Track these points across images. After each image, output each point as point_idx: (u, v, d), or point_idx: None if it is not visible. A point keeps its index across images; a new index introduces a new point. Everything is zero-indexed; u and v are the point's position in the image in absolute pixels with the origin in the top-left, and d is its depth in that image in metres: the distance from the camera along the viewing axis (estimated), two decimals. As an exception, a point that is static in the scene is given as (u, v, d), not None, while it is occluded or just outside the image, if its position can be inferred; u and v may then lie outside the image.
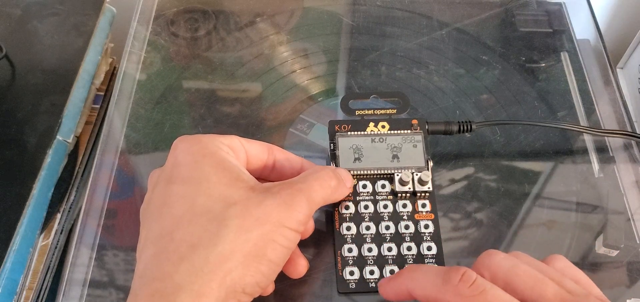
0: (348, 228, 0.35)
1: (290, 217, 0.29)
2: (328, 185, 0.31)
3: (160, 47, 0.48)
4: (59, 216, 0.40)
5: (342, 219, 0.35)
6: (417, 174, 0.35)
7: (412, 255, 0.34)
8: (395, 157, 0.36)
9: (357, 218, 0.35)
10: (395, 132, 0.37)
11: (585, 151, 0.42)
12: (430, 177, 0.35)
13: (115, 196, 0.39)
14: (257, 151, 0.33)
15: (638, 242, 0.37)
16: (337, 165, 0.35)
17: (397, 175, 0.35)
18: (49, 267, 0.38)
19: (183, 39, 0.49)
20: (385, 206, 0.35)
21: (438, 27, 0.50)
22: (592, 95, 0.45)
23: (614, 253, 0.36)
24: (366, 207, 0.35)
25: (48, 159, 0.40)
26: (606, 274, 0.36)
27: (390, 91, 0.40)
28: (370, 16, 0.51)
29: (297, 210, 0.29)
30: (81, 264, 0.36)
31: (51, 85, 0.44)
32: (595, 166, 0.41)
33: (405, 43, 0.49)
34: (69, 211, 0.41)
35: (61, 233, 0.40)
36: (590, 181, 0.40)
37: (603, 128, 0.43)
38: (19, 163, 0.39)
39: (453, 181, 0.40)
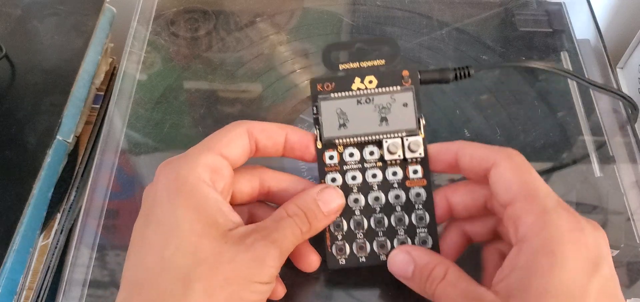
0: None
1: (260, 273, 0.27)
2: (299, 231, 0.30)
3: (160, 47, 0.48)
4: (59, 216, 0.40)
5: None
6: (407, 140, 0.32)
7: (404, 227, 0.32)
8: (383, 119, 0.32)
9: (345, 190, 0.32)
10: (384, 89, 0.33)
11: (585, 151, 0.42)
12: (422, 141, 0.32)
13: (115, 196, 0.39)
14: (242, 185, 0.32)
15: (638, 242, 0.37)
16: (320, 133, 0.33)
17: (386, 142, 0.32)
18: (49, 267, 0.38)
19: (183, 39, 0.49)
20: (374, 175, 0.33)
21: (438, 27, 0.50)
22: (592, 95, 0.45)
23: (614, 253, 0.36)
24: (354, 177, 0.33)
25: (48, 159, 0.40)
26: (606, 274, 0.36)
27: (378, 38, 0.35)
28: (370, 16, 0.51)
29: (268, 265, 0.28)
30: (81, 264, 0.36)
31: (51, 85, 0.44)
32: (595, 165, 0.41)
33: (405, 43, 0.49)
34: (69, 211, 0.41)
35: (61, 233, 0.40)
36: (590, 181, 0.40)
37: (593, 81, 0.42)
38: (19, 163, 0.39)
39: (452, 183, 0.40)
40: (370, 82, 0.33)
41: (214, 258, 0.27)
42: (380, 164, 0.33)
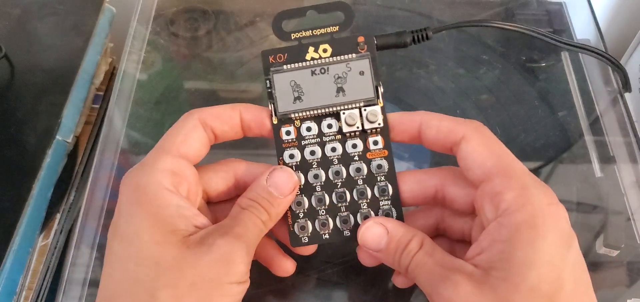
0: None
1: (229, 273, 0.26)
2: (260, 222, 0.29)
3: (160, 47, 0.48)
4: (58, 216, 0.40)
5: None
6: (365, 110, 0.31)
7: (366, 200, 0.31)
8: (340, 90, 0.31)
9: (305, 166, 0.31)
10: (339, 58, 0.31)
11: (585, 151, 0.42)
12: (380, 110, 0.31)
13: (115, 196, 0.39)
14: (217, 182, 0.31)
15: (638, 242, 0.37)
16: (275, 108, 0.31)
17: (343, 114, 0.31)
18: (48, 267, 0.38)
19: (183, 39, 0.49)
20: (334, 149, 0.31)
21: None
22: (593, 94, 0.45)
23: (615, 253, 0.36)
24: (313, 153, 0.31)
25: (47, 159, 0.40)
26: (606, 274, 0.36)
27: (330, 3, 0.33)
28: (370, 16, 0.51)
29: (237, 262, 0.26)
30: (81, 264, 0.36)
31: (51, 85, 0.44)
32: (596, 165, 0.41)
33: (405, 43, 0.49)
34: (68, 211, 0.41)
35: (61, 233, 0.40)
36: (591, 181, 0.40)
37: (574, 42, 0.42)
38: (18, 163, 0.39)
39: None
40: (325, 51, 0.31)
41: (177, 265, 0.26)
42: (339, 136, 0.31)
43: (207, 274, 0.26)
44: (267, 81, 0.31)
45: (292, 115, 0.31)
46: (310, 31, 0.32)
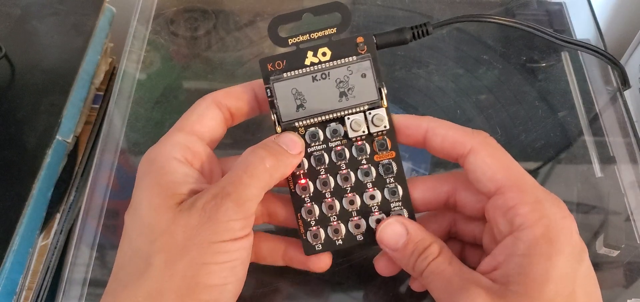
0: (304, 187, 0.31)
1: (218, 231, 0.26)
2: (262, 169, 0.28)
3: (160, 47, 0.48)
4: (58, 216, 0.40)
5: (296, 178, 0.31)
6: (370, 114, 0.30)
7: (377, 203, 0.31)
8: (343, 94, 0.30)
9: (313, 173, 0.31)
10: (339, 61, 0.30)
11: (585, 151, 0.42)
12: (385, 112, 0.30)
13: (115, 196, 0.39)
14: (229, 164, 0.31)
15: (638, 242, 0.37)
16: (278, 116, 0.31)
17: (348, 120, 0.30)
18: (48, 267, 0.38)
19: (183, 39, 0.49)
20: (341, 154, 0.31)
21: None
22: (593, 94, 0.45)
23: (615, 253, 0.36)
24: (320, 160, 0.31)
25: (47, 159, 0.40)
26: (606, 274, 0.36)
27: (326, 4, 0.31)
28: (371, 16, 0.51)
29: (224, 220, 0.26)
30: (81, 264, 0.36)
31: (51, 85, 0.44)
32: (596, 165, 0.41)
33: (405, 43, 0.49)
34: (68, 211, 0.41)
35: (61, 233, 0.40)
36: (591, 181, 0.40)
37: (572, 39, 0.43)
38: (18, 163, 0.39)
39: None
40: (324, 54, 0.31)
41: (170, 228, 0.26)
42: (345, 141, 0.31)
43: (196, 235, 0.26)
44: (268, 90, 0.31)
45: (296, 124, 0.31)
46: (307, 35, 0.31)
